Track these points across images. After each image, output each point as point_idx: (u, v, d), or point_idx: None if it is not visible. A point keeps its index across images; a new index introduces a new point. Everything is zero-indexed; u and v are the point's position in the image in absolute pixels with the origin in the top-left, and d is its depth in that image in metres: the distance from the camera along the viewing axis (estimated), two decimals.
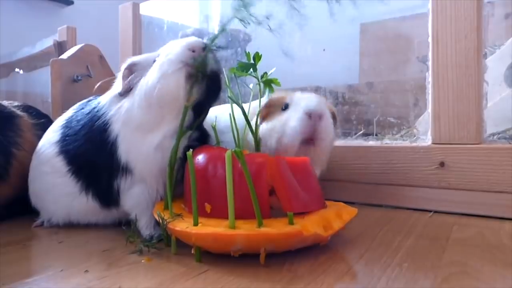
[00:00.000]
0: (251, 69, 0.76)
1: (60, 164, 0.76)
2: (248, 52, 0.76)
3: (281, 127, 0.74)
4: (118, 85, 0.73)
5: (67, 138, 0.77)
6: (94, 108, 0.75)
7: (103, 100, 0.75)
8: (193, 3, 2.02)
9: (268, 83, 0.78)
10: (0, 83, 2.03)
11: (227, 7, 1.83)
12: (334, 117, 0.82)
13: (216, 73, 0.67)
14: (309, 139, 0.72)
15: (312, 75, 0.83)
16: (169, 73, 0.64)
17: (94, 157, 0.72)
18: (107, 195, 0.73)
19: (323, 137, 0.73)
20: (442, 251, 0.60)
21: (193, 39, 0.67)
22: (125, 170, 0.69)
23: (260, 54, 0.76)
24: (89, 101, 0.80)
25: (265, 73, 0.78)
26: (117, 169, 0.70)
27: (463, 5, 0.85)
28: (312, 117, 0.72)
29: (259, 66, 0.77)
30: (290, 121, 0.73)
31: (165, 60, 0.66)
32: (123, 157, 0.69)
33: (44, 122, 0.99)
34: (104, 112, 0.72)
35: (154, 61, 0.69)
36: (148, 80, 0.66)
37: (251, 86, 0.82)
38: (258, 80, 0.77)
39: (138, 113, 0.68)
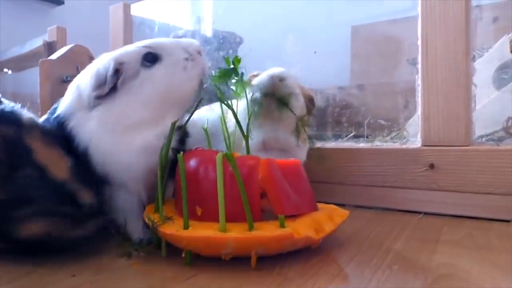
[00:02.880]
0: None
1: None
2: (227, 57, 0.74)
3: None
4: (100, 86, 0.64)
5: None
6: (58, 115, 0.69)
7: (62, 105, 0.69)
8: (185, 4, 2.01)
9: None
10: None
11: (219, 8, 1.83)
12: (311, 102, 0.85)
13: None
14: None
15: (303, 77, 0.83)
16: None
17: None
18: None
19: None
20: (432, 252, 0.61)
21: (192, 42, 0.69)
22: (101, 181, 0.66)
23: (239, 58, 0.73)
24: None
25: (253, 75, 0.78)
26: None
27: (451, 9, 0.86)
28: (273, 78, 0.77)
29: (250, 68, 0.76)
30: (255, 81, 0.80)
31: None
32: (98, 168, 0.65)
33: None
34: (67, 120, 0.67)
35: (143, 57, 0.66)
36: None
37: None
38: (241, 84, 0.75)
39: (136, 112, 0.64)
